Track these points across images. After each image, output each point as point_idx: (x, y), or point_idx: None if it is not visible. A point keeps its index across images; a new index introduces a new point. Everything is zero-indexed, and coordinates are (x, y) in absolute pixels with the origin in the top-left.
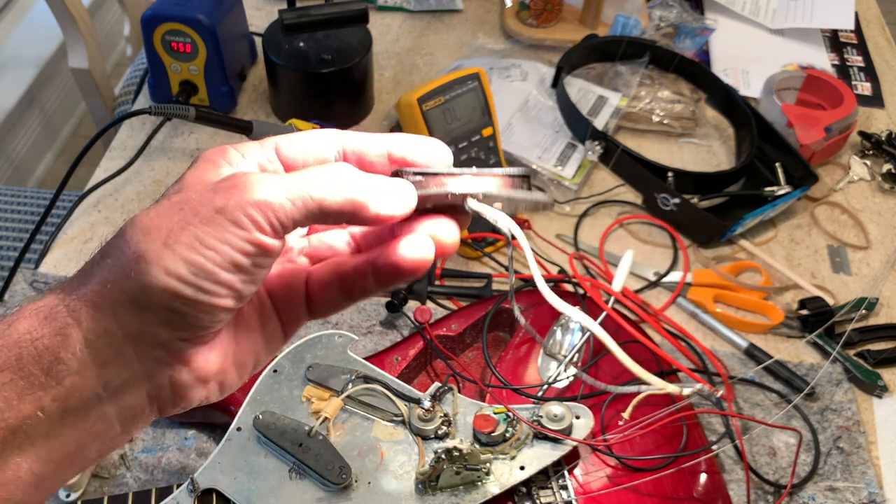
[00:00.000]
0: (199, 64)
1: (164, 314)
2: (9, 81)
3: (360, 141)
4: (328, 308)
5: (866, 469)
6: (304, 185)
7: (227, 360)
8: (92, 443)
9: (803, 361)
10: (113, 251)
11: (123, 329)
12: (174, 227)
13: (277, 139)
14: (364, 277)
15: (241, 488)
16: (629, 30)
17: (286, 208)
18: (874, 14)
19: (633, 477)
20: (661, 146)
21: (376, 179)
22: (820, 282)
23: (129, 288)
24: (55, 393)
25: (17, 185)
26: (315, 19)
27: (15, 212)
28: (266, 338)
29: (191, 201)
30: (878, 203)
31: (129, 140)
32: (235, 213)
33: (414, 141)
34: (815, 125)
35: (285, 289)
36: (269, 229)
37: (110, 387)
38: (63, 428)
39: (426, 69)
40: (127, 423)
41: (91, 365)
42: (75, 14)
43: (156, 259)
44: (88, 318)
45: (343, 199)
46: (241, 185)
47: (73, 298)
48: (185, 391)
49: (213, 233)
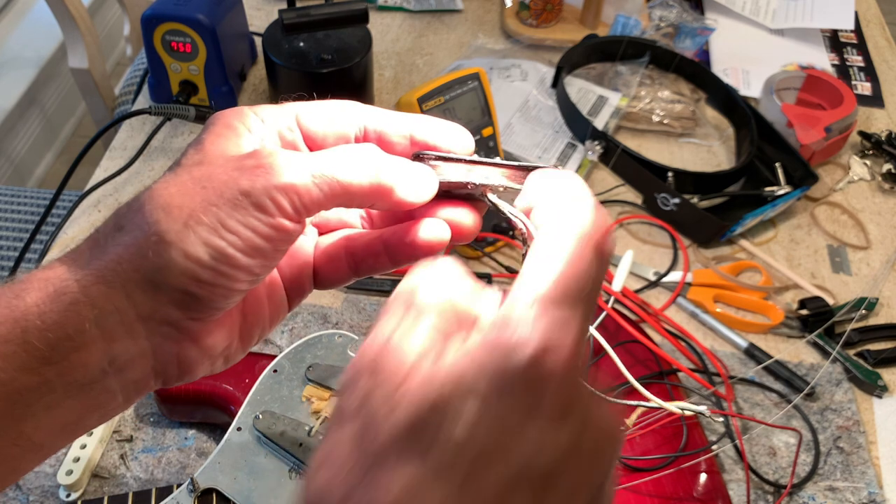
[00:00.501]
0: (199, 64)
1: (179, 295)
2: (9, 81)
3: (383, 120)
4: (335, 281)
5: (866, 469)
6: (330, 167)
7: (234, 335)
8: (93, 413)
9: (803, 361)
10: (129, 226)
11: (135, 308)
12: (197, 207)
13: (298, 107)
14: (375, 255)
15: (241, 488)
16: (629, 30)
17: (312, 193)
18: (874, 14)
19: (633, 477)
20: (661, 146)
21: (401, 164)
22: (820, 282)
23: (145, 268)
24: (59, 368)
25: (17, 185)
26: (315, 19)
27: (15, 212)
28: (272, 310)
29: (214, 179)
30: (878, 203)
31: (129, 140)
32: (261, 198)
33: (438, 126)
34: (815, 125)
35: (293, 261)
36: (293, 213)
37: (116, 363)
38: (65, 400)
39: (426, 69)
40: (130, 395)
41: (99, 342)
42: (75, 14)
43: (176, 241)
44: (100, 295)
45: (369, 183)
46: (267, 165)
47: (84, 273)
48: (191, 366)
49: (237, 216)
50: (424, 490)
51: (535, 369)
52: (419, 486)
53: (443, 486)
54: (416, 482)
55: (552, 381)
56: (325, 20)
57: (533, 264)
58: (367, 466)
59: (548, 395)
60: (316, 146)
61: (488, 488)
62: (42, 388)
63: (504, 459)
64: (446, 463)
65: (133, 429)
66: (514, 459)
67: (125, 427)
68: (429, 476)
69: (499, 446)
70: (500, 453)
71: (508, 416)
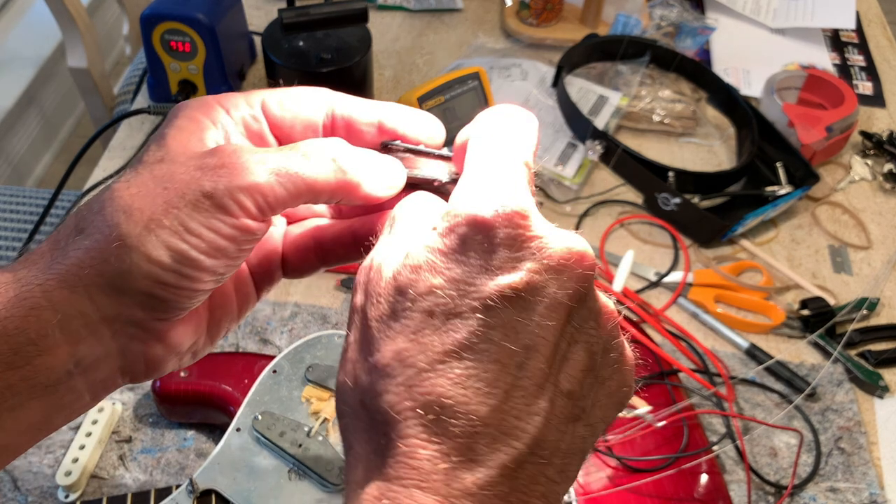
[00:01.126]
0: (199, 63)
1: (142, 298)
2: (8, 81)
3: (351, 105)
4: (304, 270)
5: (867, 470)
6: (294, 165)
7: (201, 330)
8: (59, 413)
9: (804, 362)
10: (90, 228)
11: (99, 311)
12: (157, 209)
13: (265, 94)
14: (344, 245)
15: (241, 489)
16: (630, 29)
17: (276, 192)
18: (875, 13)
19: (633, 478)
20: (661, 146)
21: (368, 159)
22: (821, 282)
23: (107, 273)
24: (24, 372)
25: (15, 185)
26: (314, 18)
27: (14, 212)
28: (240, 302)
29: (176, 179)
30: (880, 203)
31: (128, 140)
32: (224, 199)
33: (408, 114)
34: (817, 125)
35: (261, 252)
36: (257, 213)
37: (82, 364)
38: (30, 402)
39: (426, 68)
40: (97, 393)
41: (63, 345)
42: (74, 13)
43: (137, 245)
44: (62, 299)
45: (335, 180)
46: (229, 165)
47: (46, 277)
48: (158, 363)
49: (200, 218)
50: (409, 352)
51: (478, 229)
52: (405, 350)
53: (422, 347)
54: (401, 347)
55: (500, 231)
56: (325, 19)
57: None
58: (366, 351)
59: (497, 248)
60: (283, 134)
61: (461, 333)
62: (5, 393)
63: (464, 307)
64: (417, 327)
65: (132, 429)
66: (468, 305)
67: (124, 428)
68: (410, 340)
69: (456, 302)
70: (458, 304)
71: (463, 274)
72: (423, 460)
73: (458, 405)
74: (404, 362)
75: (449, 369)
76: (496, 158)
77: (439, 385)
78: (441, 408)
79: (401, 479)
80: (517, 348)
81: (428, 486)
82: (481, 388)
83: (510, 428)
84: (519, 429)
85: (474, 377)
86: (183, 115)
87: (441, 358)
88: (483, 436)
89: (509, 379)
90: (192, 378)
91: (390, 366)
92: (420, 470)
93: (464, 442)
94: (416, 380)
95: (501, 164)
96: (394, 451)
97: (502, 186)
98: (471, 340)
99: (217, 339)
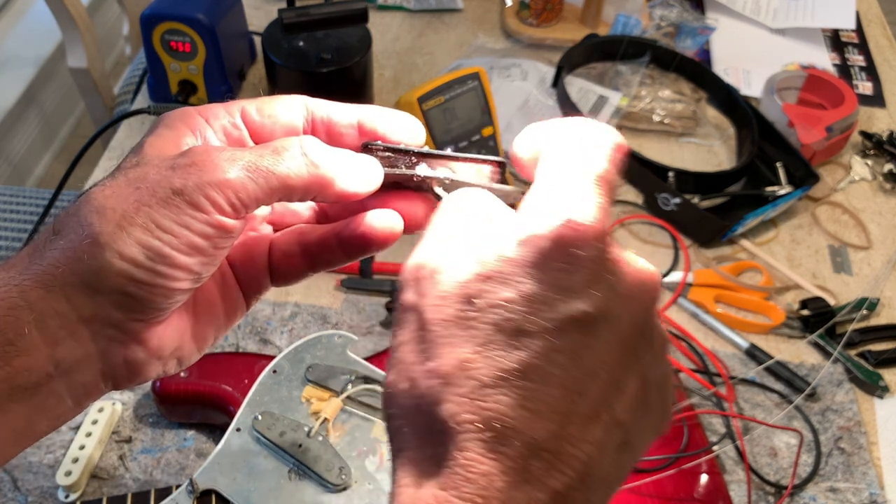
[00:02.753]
0: (199, 63)
1: (118, 297)
2: (7, 81)
3: (329, 108)
4: (291, 277)
5: (867, 470)
6: (266, 161)
7: (185, 336)
8: (42, 418)
9: (804, 362)
10: (66, 230)
11: (76, 311)
12: (129, 207)
13: (244, 103)
14: (329, 249)
15: (241, 489)
16: (630, 29)
17: (248, 188)
18: (875, 13)
19: (633, 478)
20: (661, 146)
21: (342, 155)
22: (821, 282)
23: (80, 271)
24: (3, 373)
25: (15, 185)
26: (314, 18)
27: (14, 212)
28: (227, 309)
29: (148, 179)
30: (880, 203)
31: (127, 140)
32: (194, 195)
33: (386, 114)
34: (817, 125)
35: (247, 259)
36: (229, 210)
37: (62, 366)
38: (11, 404)
39: (426, 68)
40: (79, 399)
41: (42, 346)
42: (74, 13)
43: (109, 242)
44: (38, 299)
45: (308, 175)
46: (200, 163)
47: (23, 278)
48: (140, 368)
49: (171, 215)
50: (473, 364)
51: (562, 243)
52: (468, 361)
53: (487, 361)
54: (465, 357)
55: (582, 252)
56: (325, 19)
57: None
58: (424, 355)
59: (579, 265)
60: (264, 140)
61: (534, 346)
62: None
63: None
64: (483, 340)
65: (132, 429)
66: (542, 321)
67: (124, 428)
68: (475, 351)
69: (528, 317)
70: (532, 320)
71: (543, 289)
72: (481, 475)
73: (519, 426)
74: (467, 373)
75: (512, 388)
76: (580, 173)
77: (502, 403)
78: (502, 426)
79: (458, 488)
80: (580, 374)
81: (484, 501)
82: (542, 412)
83: (566, 455)
84: (574, 456)
85: (537, 399)
86: (163, 124)
87: (505, 375)
88: (539, 459)
89: (569, 405)
90: (192, 378)
91: (453, 374)
92: (477, 484)
93: (521, 463)
94: (479, 394)
95: (586, 179)
96: (451, 462)
97: (588, 204)
98: (537, 362)
99: (205, 347)
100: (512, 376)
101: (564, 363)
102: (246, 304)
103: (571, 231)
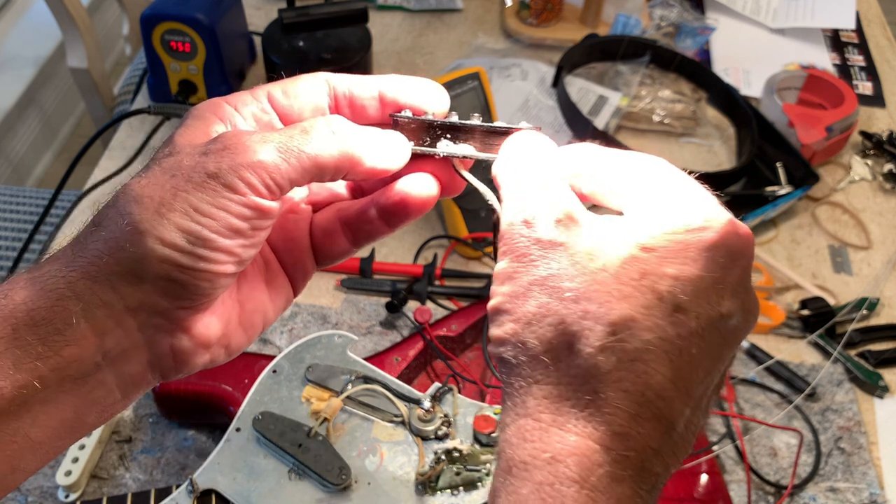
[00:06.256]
0: (199, 63)
1: (162, 284)
2: (8, 81)
3: (350, 82)
4: (336, 255)
5: (867, 470)
6: (296, 142)
7: (232, 324)
8: (91, 409)
9: (804, 362)
10: (106, 221)
11: (122, 300)
12: (166, 194)
13: (270, 87)
14: (369, 220)
15: (241, 489)
16: (630, 29)
17: (281, 168)
18: (875, 13)
19: None
20: (661, 146)
21: (369, 132)
22: (821, 282)
23: (124, 259)
24: (53, 363)
25: (16, 185)
26: (314, 18)
27: (14, 212)
28: (273, 295)
29: (182, 166)
30: (880, 203)
31: (127, 140)
32: (229, 177)
33: (406, 83)
34: (817, 125)
35: (289, 242)
36: (265, 191)
37: (110, 356)
38: (61, 395)
39: (426, 68)
40: (128, 390)
41: (90, 335)
42: (74, 13)
43: (150, 229)
44: (85, 289)
45: (338, 153)
46: (232, 146)
47: (69, 270)
48: (187, 357)
49: (208, 199)
50: (637, 324)
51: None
52: (632, 319)
53: (650, 326)
54: (630, 315)
55: (741, 256)
56: (325, 19)
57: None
58: (581, 296)
59: (737, 267)
60: (293, 122)
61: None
62: (37, 384)
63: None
64: (646, 303)
65: (132, 429)
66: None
67: (124, 428)
68: (640, 312)
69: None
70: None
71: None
72: (633, 438)
73: (667, 407)
74: (631, 330)
75: (668, 359)
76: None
77: (659, 373)
78: (656, 396)
79: (608, 448)
80: (710, 365)
81: (627, 455)
82: (686, 393)
83: (686, 445)
84: (686, 448)
85: (685, 380)
86: (192, 115)
87: (663, 344)
88: (669, 441)
89: (703, 389)
90: (192, 378)
91: (618, 325)
92: (630, 443)
93: (659, 435)
94: (640, 354)
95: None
96: (601, 416)
97: (727, 212)
98: (689, 343)
99: (254, 335)
100: (670, 347)
101: (704, 348)
102: (293, 289)
103: (735, 233)
